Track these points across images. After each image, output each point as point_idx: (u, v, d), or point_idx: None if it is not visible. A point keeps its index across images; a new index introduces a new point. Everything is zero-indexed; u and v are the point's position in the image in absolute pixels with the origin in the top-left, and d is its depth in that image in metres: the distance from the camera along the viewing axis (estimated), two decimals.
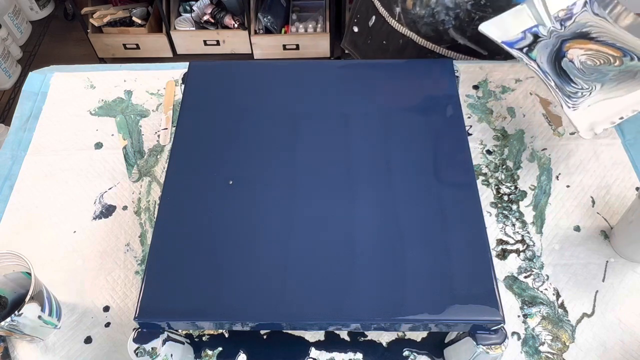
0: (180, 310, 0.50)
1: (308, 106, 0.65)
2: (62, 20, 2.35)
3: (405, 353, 0.59)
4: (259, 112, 0.64)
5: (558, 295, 0.62)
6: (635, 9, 0.71)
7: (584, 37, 0.70)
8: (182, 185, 0.58)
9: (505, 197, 0.70)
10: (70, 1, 2.00)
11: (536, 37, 0.70)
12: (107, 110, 0.81)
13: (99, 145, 0.77)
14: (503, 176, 0.72)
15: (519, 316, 0.61)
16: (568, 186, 0.71)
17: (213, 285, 0.51)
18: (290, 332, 0.60)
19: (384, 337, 0.60)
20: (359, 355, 0.59)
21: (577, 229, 0.67)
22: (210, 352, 0.59)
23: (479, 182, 0.71)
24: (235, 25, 2.05)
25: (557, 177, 0.72)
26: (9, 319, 0.52)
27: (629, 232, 0.62)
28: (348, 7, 2.00)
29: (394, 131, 0.62)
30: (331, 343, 0.59)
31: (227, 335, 0.60)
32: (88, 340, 0.60)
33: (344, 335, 0.60)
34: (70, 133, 0.78)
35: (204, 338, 0.60)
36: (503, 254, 0.65)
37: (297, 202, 0.56)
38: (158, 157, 0.76)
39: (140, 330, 0.51)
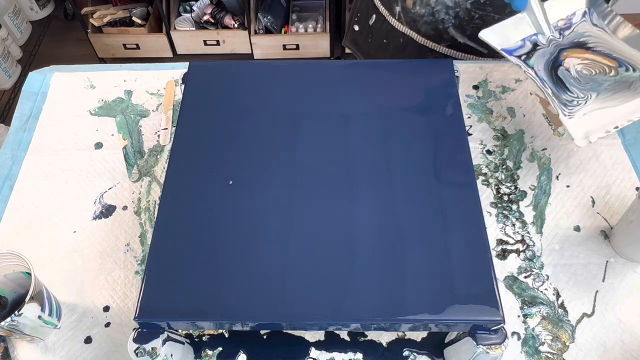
0: (180, 310, 0.50)
1: (308, 106, 0.65)
2: (62, 20, 2.35)
3: (405, 353, 0.59)
4: (259, 112, 0.64)
5: (558, 295, 0.62)
6: (636, 9, 0.71)
7: (581, 46, 0.71)
8: (182, 185, 0.58)
9: (505, 197, 0.70)
10: (70, 1, 2.00)
11: (535, 45, 0.71)
12: (107, 110, 0.81)
13: (99, 145, 0.77)
14: (503, 176, 0.72)
15: (519, 316, 0.61)
16: (568, 186, 0.71)
17: (213, 285, 0.51)
18: (290, 332, 0.60)
19: (384, 337, 0.60)
20: (359, 355, 0.59)
21: (577, 229, 0.67)
22: (210, 352, 0.59)
23: (479, 182, 0.71)
24: (235, 25, 2.05)
25: (557, 177, 0.72)
26: (9, 319, 0.52)
27: (629, 232, 0.62)
28: (348, 7, 2.00)
29: (394, 131, 0.62)
30: (331, 343, 0.59)
31: (227, 335, 0.60)
32: (88, 340, 0.60)
33: (344, 335, 0.60)
34: (70, 133, 0.78)
35: (204, 338, 0.60)
36: (503, 254, 0.65)
37: (297, 202, 0.56)
38: (158, 157, 0.76)
39: (140, 330, 0.51)
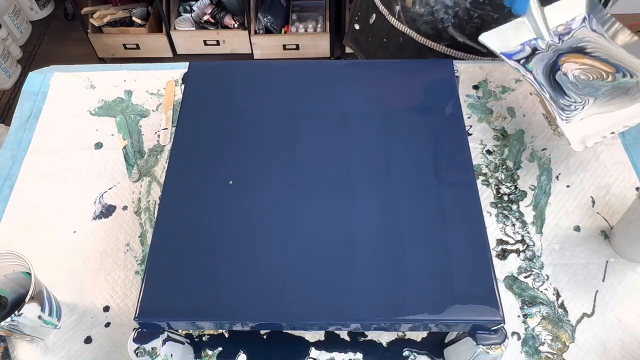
0: (180, 310, 0.50)
1: (308, 106, 0.65)
2: (62, 20, 2.35)
3: (405, 353, 0.59)
4: (259, 112, 0.64)
5: (558, 295, 0.62)
6: (636, 9, 0.71)
7: (580, 51, 0.71)
8: (182, 185, 0.58)
9: (505, 197, 0.70)
10: (70, 1, 2.00)
11: (534, 49, 0.72)
12: (107, 110, 0.81)
13: (99, 145, 0.77)
14: (503, 176, 0.72)
15: (519, 316, 0.61)
16: (568, 186, 0.71)
17: (213, 285, 0.51)
18: (290, 332, 0.60)
19: (384, 337, 0.60)
20: (359, 355, 0.59)
21: (577, 229, 0.67)
22: (210, 352, 0.59)
23: (479, 182, 0.71)
24: (235, 25, 2.05)
25: (557, 177, 0.72)
26: (9, 319, 0.52)
27: (629, 232, 0.62)
28: (348, 7, 2.00)
29: (394, 131, 0.62)
30: (331, 343, 0.59)
31: (227, 335, 0.60)
32: (88, 340, 0.60)
33: (344, 335, 0.60)
34: (70, 133, 0.78)
35: (204, 338, 0.60)
36: (503, 254, 0.65)
37: (297, 202, 0.56)
38: (158, 157, 0.76)
39: (140, 330, 0.51)
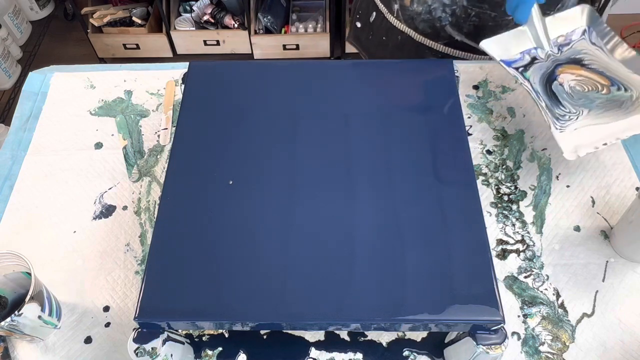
0: (180, 310, 0.50)
1: (308, 106, 0.65)
2: (62, 20, 2.35)
3: (405, 353, 0.59)
4: (259, 112, 0.64)
5: (558, 295, 0.62)
6: (636, 9, 0.72)
7: (577, 63, 0.73)
8: (182, 185, 0.58)
9: (505, 197, 0.70)
10: (70, 1, 2.00)
11: (534, 59, 0.73)
12: (107, 110, 0.81)
13: (99, 145, 0.77)
14: (503, 176, 0.72)
15: (519, 316, 0.61)
16: (568, 186, 0.71)
17: (213, 285, 0.51)
18: (290, 332, 0.60)
19: (384, 337, 0.60)
20: (359, 355, 0.59)
21: (577, 229, 0.67)
22: (210, 352, 0.59)
23: (479, 182, 0.71)
24: (235, 25, 2.05)
25: (557, 177, 0.72)
26: (9, 319, 0.52)
27: (629, 232, 0.62)
28: (348, 7, 2.00)
29: (394, 131, 0.62)
30: (331, 343, 0.59)
31: (227, 335, 0.60)
32: (88, 340, 0.60)
33: (344, 335, 0.60)
34: (70, 133, 0.78)
35: (204, 338, 0.60)
36: (503, 254, 0.65)
37: (297, 202, 0.56)
38: (158, 157, 0.76)
39: (140, 330, 0.51)
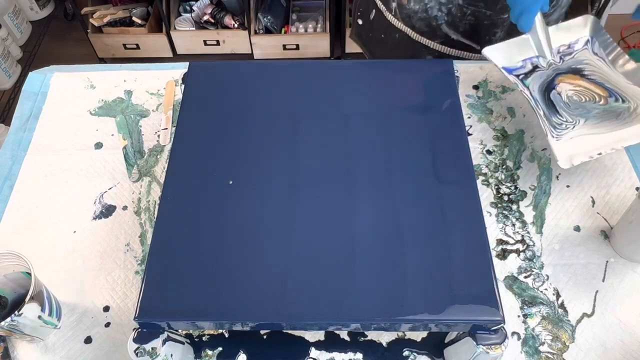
0: (180, 310, 0.50)
1: (308, 106, 0.65)
2: (62, 20, 2.35)
3: (405, 353, 0.59)
4: (259, 112, 0.64)
5: (558, 295, 0.62)
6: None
7: (577, 73, 0.73)
8: (182, 185, 0.58)
9: (505, 197, 0.70)
10: (70, 1, 2.00)
11: (535, 67, 0.73)
12: (107, 110, 0.81)
13: (99, 145, 0.77)
14: (503, 176, 0.72)
15: (519, 316, 0.61)
16: (568, 186, 0.71)
17: (213, 285, 0.51)
18: (290, 332, 0.60)
19: (384, 337, 0.60)
20: (359, 355, 0.59)
21: (577, 229, 0.67)
22: (210, 352, 0.59)
23: (479, 182, 0.71)
24: (235, 25, 2.05)
25: (557, 177, 0.72)
26: (9, 319, 0.52)
27: (629, 232, 0.62)
28: (348, 7, 2.00)
29: (394, 131, 0.62)
30: (331, 343, 0.59)
31: (227, 335, 0.60)
32: (88, 340, 0.60)
33: (344, 335, 0.60)
34: (70, 133, 0.78)
35: (204, 338, 0.60)
36: (503, 254, 0.65)
37: (297, 202, 0.56)
38: (158, 157, 0.76)
39: (140, 330, 0.51)
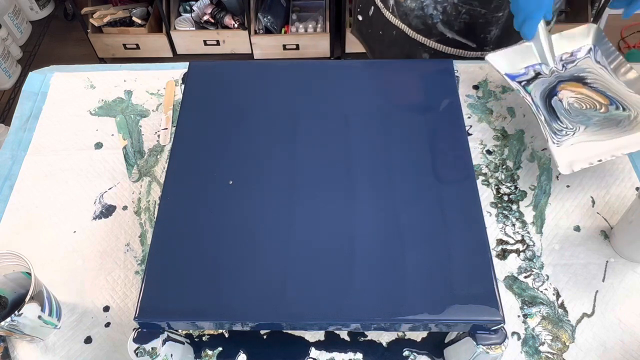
0: (180, 310, 0.50)
1: (308, 106, 0.65)
2: (62, 20, 2.35)
3: (405, 353, 0.59)
4: (259, 112, 0.64)
5: (558, 295, 0.62)
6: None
7: (579, 81, 0.74)
8: (182, 185, 0.58)
9: (505, 197, 0.70)
10: (70, 1, 2.00)
11: (538, 74, 0.74)
12: (107, 110, 0.81)
13: (99, 145, 0.77)
14: (503, 176, 0.72)
15: (519, 316, 0.61)
16: (568, 186, 0.71)
17: (213, 285, 0.51)
18: (290, 332, 0.60)
19: (384, 337, 0.60)
20: (359, 355, 0.59)
21: (577, 229, 0.67)
22: (210, 352, 0.59)
23: (479, 182, 0.71)
24: (235, 25, 2.05)
25: (557, 177, 0.72)
26: (9, 319, 0.52)
27: (629, 232, 0.62)
28: (348, 7, 2.00)
29: (394, 131, 0.62)
30: (331, 343, 0.59)
31: (227, 335, 0.60)
32: (88, 340, 0.60)
33: (344, 335, 0.60)
34: (70, 133, 0.78)
35: (204, 338, 0.60)
36: (503, 254, 0.65)
37: (297, 202, 0.56)
38: (158, 157, 0.76)
39: (140, 330, 0.51)
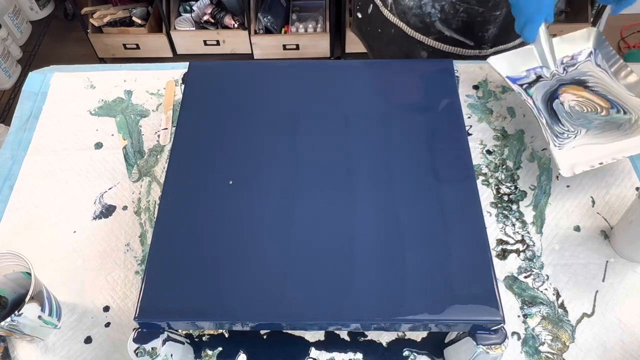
0: (180, 310, 0.50)
1: (308, 106, 0.65)
2: (62, 20, 2.35)
3: (405, 353, 0.59)
4: (259, 112, 0.64)
5: (558, 295, 0.62)
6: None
7: (581, 84, 0.74)
8: (182, 185, 0.58)
9: (505, 197, 0.70)
10: (70, 1, 2.00)
11: (539, 77, 0.74)
12: (107, 110, 0.81)
13: (99, 145, 0.77)
14: (503, 176, 0.72)
15: (519, 316, 0.61)
16: (568, 186, 0.71)
17: (213, 285, 0.51)
18: (290, 332, 0.60)
19: (384, 337, 0.60)
20: (359, 355, 0.59)
21: (577, 229, 0.67)
22: (210, 352, 0.59)
23: (479, 182, 0.71)
24: (235, 25, 2.05)
25: (557, 177, 0.72)
26: (9, 319, 0.52)
27: (629, 232, 0.62)
28: (348, 7, 2.00)
29: (394, 131, 0.62)
30: (331, 343, 0.59)
31: (227, 335, 0.60)
32: (88, 340, 0.60)
33: (344, 335, 0.60)
34: (70, 133, 0.78)
35: (204, 338, 0.60)
36: (503, 254, 0.65)
37: (297, 202, 0.56)
38: (158, 157, 0.76)
39: (140, 330, 0.51)
